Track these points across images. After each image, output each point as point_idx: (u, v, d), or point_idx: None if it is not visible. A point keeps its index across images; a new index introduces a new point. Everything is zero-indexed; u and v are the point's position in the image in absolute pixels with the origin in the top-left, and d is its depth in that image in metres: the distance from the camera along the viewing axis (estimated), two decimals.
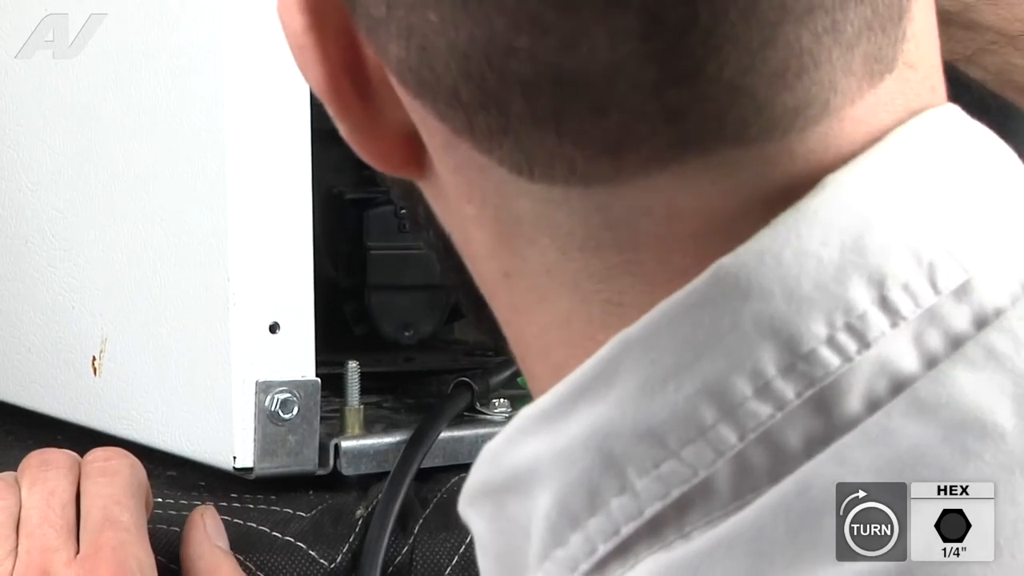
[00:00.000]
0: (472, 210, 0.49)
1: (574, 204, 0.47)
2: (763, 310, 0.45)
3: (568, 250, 0.48)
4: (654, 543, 0.47)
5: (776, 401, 0.45)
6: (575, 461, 0.48)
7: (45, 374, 0.96)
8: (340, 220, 0.94)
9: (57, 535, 0.76)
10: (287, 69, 0.84)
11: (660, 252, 0.47)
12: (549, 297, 0.49)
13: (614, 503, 0.47)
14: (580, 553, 0.48)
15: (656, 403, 0.46)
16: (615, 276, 0.47)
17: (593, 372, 0.47)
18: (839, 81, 0.45)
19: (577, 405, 0.48)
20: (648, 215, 0.46)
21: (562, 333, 0.49)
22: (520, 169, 0.47)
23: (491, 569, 0.52)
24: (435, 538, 0.85)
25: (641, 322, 0.46)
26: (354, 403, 0.89)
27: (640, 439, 0.46)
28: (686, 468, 0.46)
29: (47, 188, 0.94)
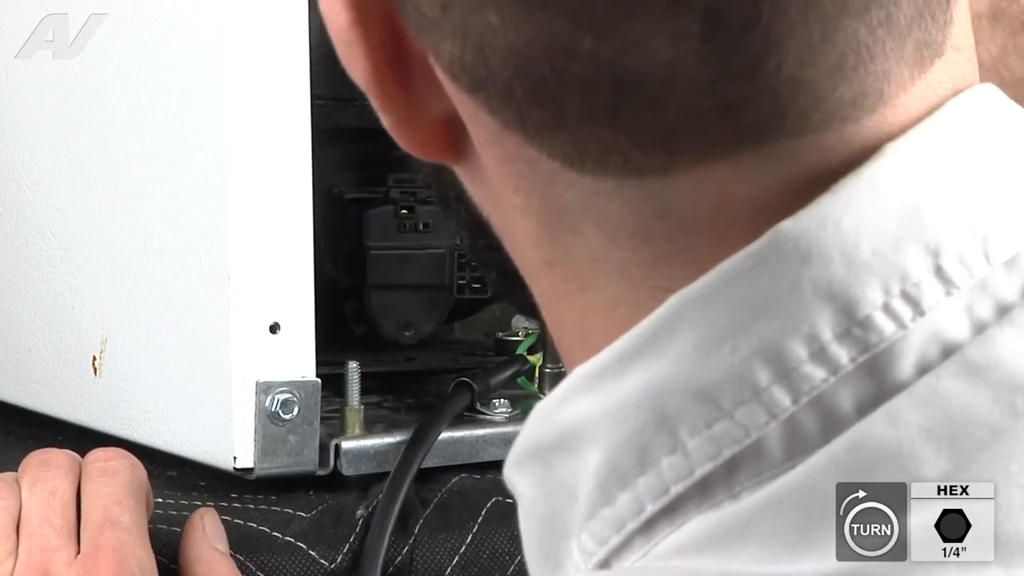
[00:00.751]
0: (518, 200, 0.50)
1: (625, 194, 0.47)
2: (822, 274, 0.46)
3: (617, 239, 0.48)
4: (703, 503, 0.47)
5: (830, 365, 0.46)
6: (627, 419, 0.48)
7: (45, 374, 0.96)
8: (340, 220, 0.94)
9: (57, 535, 0.76)
10: (287, 69, 0.84)
11: (712, 240, 0.47)
12: (593, 285, 0.49)
13: (664, 462, 0.47)
14: (628, 512, 0.48)
15: (711, 363, 0.46)
16: (665, 264, 0.48)
17: (650, 331, 0.48)
18: (892, 70, 0.46)
19: (632, 363, 0.48)
20: (702, 204, 0.47)
21: (605, 320, 0.49)
22: (571, 161, 0.47)
23: (534, 534, 0.52)
24: (435, 538, 0.85)
25: (700, 282, 0.47)
26: (354, 403, 0.89)
27: (694, 398, 0.47)
28: (738, 429, 0.46)
29: (47, 188, 0.94)
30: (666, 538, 0.48)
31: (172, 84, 0.86)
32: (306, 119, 0.85)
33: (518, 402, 0.94)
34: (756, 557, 0.45)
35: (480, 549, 0.86)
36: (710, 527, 0.47)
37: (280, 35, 0.84)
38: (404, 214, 0.93)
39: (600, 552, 0.49)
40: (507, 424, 0.92)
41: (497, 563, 0.85)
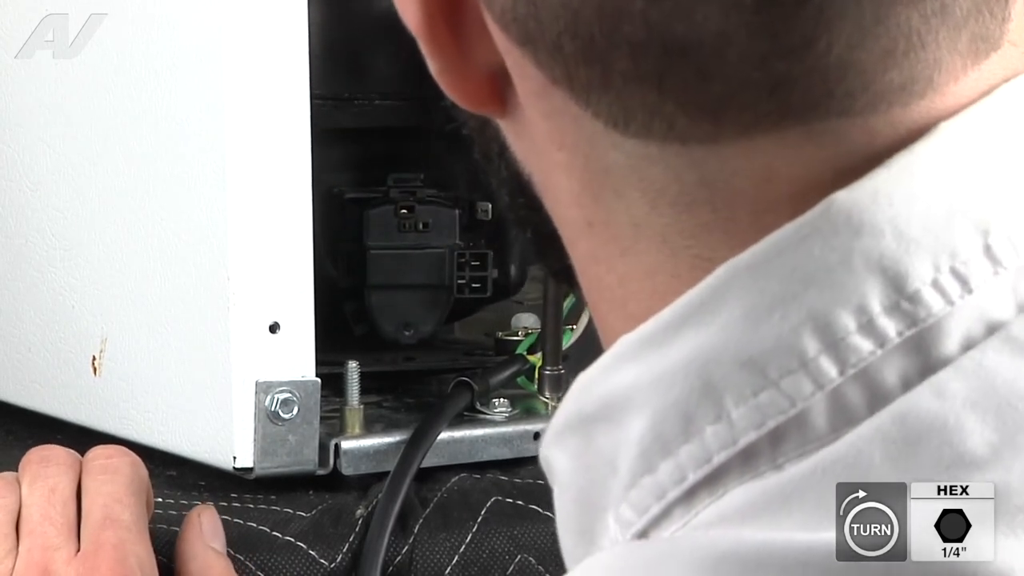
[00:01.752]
0: (561, 157, 0.50)
1: (669, 161, 0.48)
2: (873, 247, 0.46)
3: (659, 205, 0.48)
4: (745, 473, 0.47)
5: (878, 338, 0.46)
6: (672, 387, 0.48)
7: (45, 374, 0.96)
8: (340, 220, 0.94)
9: (58, 533, 0.76)
10: (287, 69, 0.84)
11: (754, 212, 0.47)
12: (634, 250, 0.49)
13: (708, 431, 0.47)
14: (669, 481, 0.48)
15: (760, 331, 0.47)
16: (706, 233, 0.48)
17: (698, 299, 0.48)
18: (944, 60, 0.46)
19: (680, 332, 0.48)
20: (745, 176, 0.47)
21: (644, 286, 0.50)
22: (616, 123, 0.47)
23: (569, 511, 0.52)
24: (435, 538, 0.85)
25: (750, 251, 0.47)
26: (354, 403, 0.89)
27: (740, 367, 0.47)
28: (784, 399, 0.46)
29: (47, 188, 0.94)
30: (706, 508, 0.48)
31: (172, 84, 0.86)
32: (306, 119, 0.85)
33: (518, 402, 0.94)
34: (799, 525, 0.45)
35: (480, 549, 0.86)
36: (752, 496, 0.47)
37: (280, 35, 0.84)
38: (404, 214, 0.93)
39: (639, 522, 0.49)
40: (507, 424, 0.92)
41: (497, 563, 0.85)
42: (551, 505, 0.87)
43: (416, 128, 0.96)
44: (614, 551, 0.50)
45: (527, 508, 0.87)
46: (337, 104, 0.94)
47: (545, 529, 0.87)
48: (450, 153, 0.98)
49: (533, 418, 0.93)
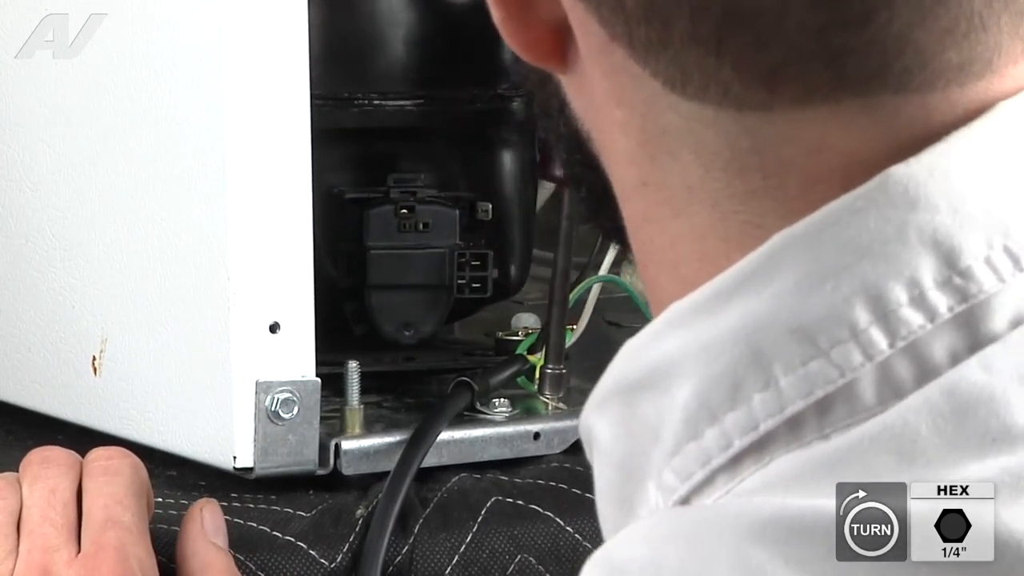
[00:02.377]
0: (619, 115, 0.50)
1: (724, 125, 0.48)
2: (927, 222, 0.47)
3: (711, 168, 0.49)
4: (791, 442, 0.47)
5: (929, 311, 0.46)
6: (722, 354, 0.48)
7: (45, 374, 0.96)
8: (340, 220, 0.94)
9: (58, 534, 0.76)
10: (287, 69, 0.84)
11: (805, 182, 0.48)
12: (686, 212, 0.50)
13: (756, 398, 0.48)
14: (714, 447, 0.48)
15: (812, 301, 0.47)
16: (756, 199, 0.48)
17: (752, 267, 0.48)
18: (1004, 43, 0.46)
19: (732, 299, 0.48)
20: (798, 146, 0.47)
21: (695, 248, 0.50)
22: (674, 84, 0.48)
23: (609, 479, 0.52)
24: (435, 538, 0.85)
25: (806, 221, 0.47)
26: (354, 403, 0.89)
27: (791, 336, 0.47)
28: (833, 369, 0.47)
29: (47, 188, 0.94)
30: (751, 475, 0.48)
31: (172, 84, 0.86)
32: (306, 119, 0.85)
33: (518, 402, 0.94)
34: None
35: (480, 549, 0.86)
36: (798, 464, 0.47)
37: (280, 35, 0.84)
38: (404, 214, 0.93)
39: (682, 488, 0.49)
40: (507, 424, 0.92)
41: (497, 563, 0.85)
42: (551, 505, 0.87)
43: (416, 128, 0.96)
44: (656, 516, 0.50)
45: (527, 508, 0.87)
46: (337, 104, 0.94)
47: (545, 529, 0.87)
48: (450, 153, 0.98)
49: (533, 418, 0.93)
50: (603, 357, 1.05)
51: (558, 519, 0.87)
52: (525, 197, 1.00)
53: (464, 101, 0.97)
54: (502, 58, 0.97)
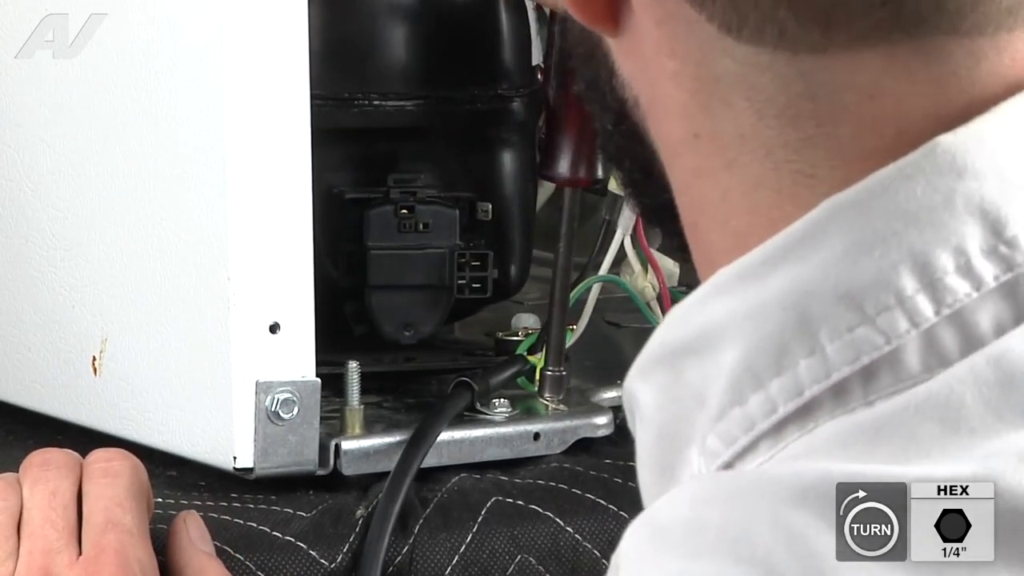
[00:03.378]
0: (673, 65, 0.50)
1: (779, 69, 0.48)
2: (975, 190, 0.47)
3: (765, 116, 0.49)
4: (836, 408, 0.48)
5: (975, 280, 0.47)
6: (768, 319, 0.48)
7: (45, 374, 0.96)
8: (340, 220, 0.94)
9: (59, 536, 0.76)
10: (287, 69, 0.84)
11: (858, 129, 0.48)
12: (738, 162, 0.50)
13: (802, 364, 0.48)
14: (759, 413, 0.49)
15: (860, 267, 0.47)
16: (809, 148, 0.49)
17: (800, 233, 0.48)
18: None
19: (780, 264, 0.48)
20: (851, 91, 0.48)
21: (746, 199, 0.50)
22: (729, 27, 0.48)
23: (651, 446, 0.52)
24: (435, 538, 0.85)
25: (855, 188, 0.48)
26: (354, 403, 0.89)
27: (838, 301, 0.47)
28: (879, 335, 0.47)
29: (47, 188, 0.94)
30: (795, 441, 0.48)
31: (172, 84, 0.86)
32: (306, 119, 0.85)
33: (518, 402, 0.94)
34: (888, 458, 0.46)
35: (480, 549, 0.86)
36: (842, 430, 0.47)
37: (280, 35, 0.84)
38: (404, 214, 0.93)
39: (726, 453, 0.49)
40: (507, 424, 0.92)
41: (497, 563, 0.85)
42: (551, 505, 0.87)
43: (416, 128, 0.96)
44: (700, 481, 0.50)
45: (527, 508, 0.87)
46: (337, 104, 0.94)
47: (545, 529, 0.87)
48: (450, 153, 0.98)
49: (533, 418, 0.93)
50: (603, 357, 1.06)
51: (558, 519, 0.87)
52: (525, 197, 1.00)
53: (464, 101, 0.97)
54: (502, 58, 0.97)
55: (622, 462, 0.92)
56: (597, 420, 0.94)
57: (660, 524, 0.48)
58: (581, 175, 0.92)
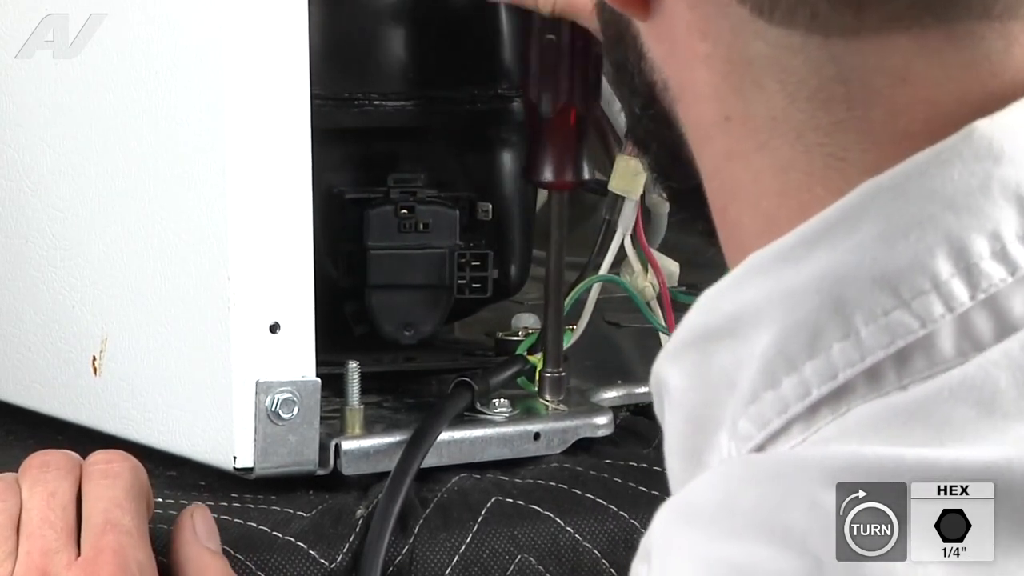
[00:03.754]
0: (704, 48, 0.51)
1: (810, 52, 0.48)
2: (1011, 176, 0.47)
3: (797, 99, 0.49)
4: (869, 392, 0.48)
5: (1010, 265, 0.47)
6: (802, 302, 0.48)
7: (45, 374, 0.96)
8: (340, 220, 0.94)
9: (58, 537, 0.76)
10: (287, 69, 0.84)
11: (889, 113, 0.48)
12: (770, 144, 0.50)
13: (835, 348, 0.48)
14: (792, 396, 0.49)
15: (895, 251, 0.47)
16: (841, 131, 0.49)
17: (836, 216, 0.48)
18: None
19: (814, 248, 0.48)
20: (883, 74, 0.48)
21: (777, 182, 0.50)
22: (761, 10, 0.48)
23: (680, 430, 0.52)
24: (435, 538, 0.85)
25: (892, 172, 0.48)
26: (354, 403, 0.89)
27: (873, 285, 0.47)
28: (913, 320, 0.47)
29: (47, 188, 0.94)
30: (827, 425, 0.48)
31: (172, 84, 0.86)
32: (306, 119, 0.85)
33: (518, 402, 0.94)
34: (923, 442, 0.46)
35: (480, 549, 0.86)
36: (875, 413, 0.47)
37: (280, 35, 0.84)
38: (404, 214, 0.93)
39: (758, 436, 0.49)
40: (507, 424, 0.92)
41: (497, 563, 0.85)
42: (551, 505, 0.87)
43: (416, 128, 0.96)
44: (733, 463, 0.50)
45: (527, 508, 0.87)
46: (337, 104, 0.94)
47: (545, 529, 0.87)
48: (450, 153, 0.98)
49: (533, 418, 0.93)
50: (603, 357, 1.06)
51: (558, 519, 0.87)
52: (525, 197, 1.00)
53: (464, 101, 0.97)
54: (502, 58, 0.98)
55: (622, 462, 0.92)
56: (597, 420, 0.94)
57: (693, 506, 0.48)
58: (567, 178, 0.92)
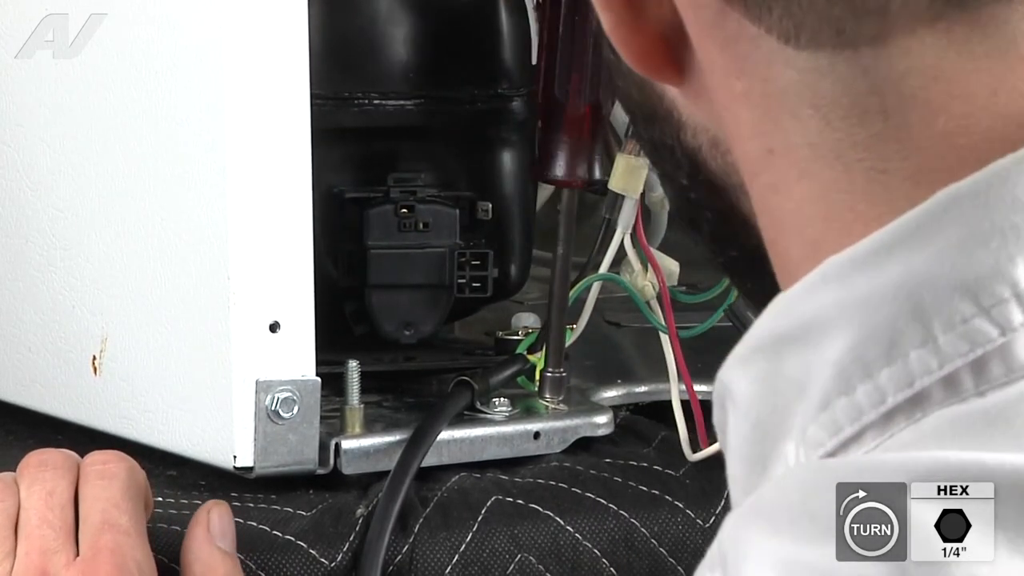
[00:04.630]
0: (741, 86, 0.51)
1: (840, 70, 0.49)
2: None
3: (832, 119, 0.49)
4: (947, 400, 0.47)
5: None
6: (879, 309, 0.48)
7: (45, 373, 0.96)
8: (340, 220, 0.94)
9: (56, 536, 0.76)
10: (287, 69, 0.84)
11: (926, 115, 0.48)
12: (810, 171, 0.50)
13: (913, 355, 0.47)
14: (867, 402, 0.48)
15: (976, 259, 0.47)
16: (879, 143, 0.49)
17: (915, 222, 0.48)
18: None
19: (892, 254, 0.48)
20: (914, 75, 0.48)
21: (820, 207, 0.50)
22: (787, 36, 0.48)
23: (746, 436, 0.52)
24: (435, 538, 0.85)
25: (972, 178, 0.47)
26: (354, 402, 0.89)
27: (952, 292, 0.47)
28: (993, 328, 0.47)
29: (47, 188, 0.94)
30: (902, 431, 0.48)
31: (172, 84, 0.86)
32: (306, 119, 0.85)
33: (518, 402, 0.94)
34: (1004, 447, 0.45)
35: (480, 548, 0.86)
36: (953, 419, 0.47)
37: (280, 35, 0.84)
38: (404, 214, 0.93)
39: (830, 443, 0.49)
40: (507, 424, 0.92)
41: (497, 562, 0.86)
42: (551, 505, 0.87)
43: (416, 128, 0.96)
44: (806, 468, 0.49)
45: (527, 507, 0.87)
46: (337, 104, 0.94)
47: (545, 529, 0.87)
48: (450, 153, 0.98)
49: (533, 418, 0.93)
50: (603, 357, 1.06)
51: (558, 518, 0.87)
52: (525, 197, 1.00)
53: (464, 101, 0.97)
54: (502, 58, 0.98)
55: (622, 461, 0.92)
56: (597, 419, 0.94)
57: (767, 511, 0.47)
58: (578, 176, 0.92)
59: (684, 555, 0.88)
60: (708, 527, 0.89)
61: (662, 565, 0.87)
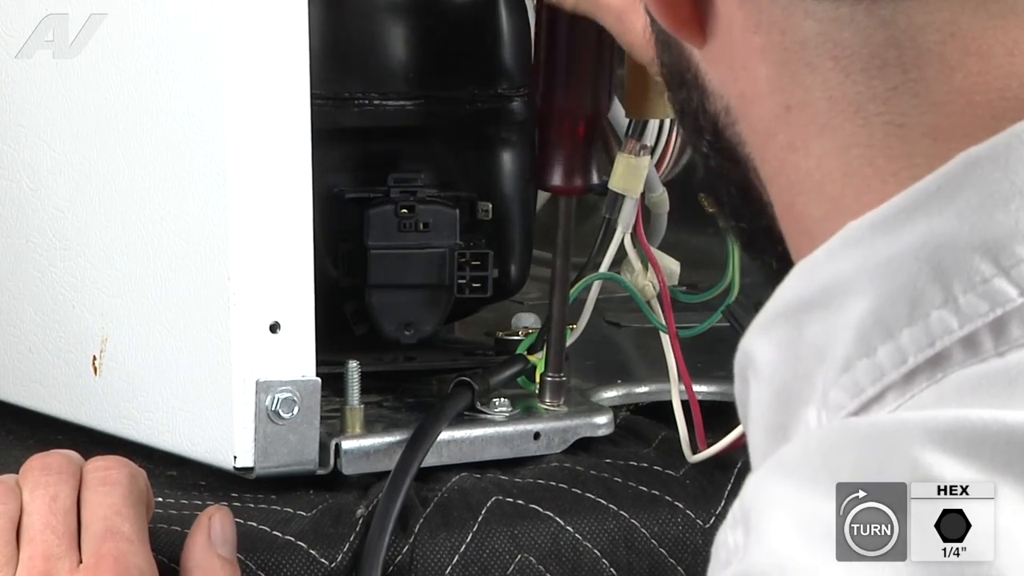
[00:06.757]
0: (759, 40, 0.51)
1: (859, 21, 0.49)
2: None
3: (851, 72, 0.50)
4: (967, 360, 0.48)
5: None
6: (900, 271, 0.48)
7: (45, 374, 0.96)
8: (340, 220, 0.94)
9: (60, 542, 0.76)
10: (287, 69, 0.84)
11: (943, 70, 0.48)
12: (830, 125, 0.51)
13: (934, 315, 0.48)
14: (888, 363, 0.48)
15: (996, 219, 0.47)
16: (897, 96, 0.49)
17: (935, 185, 0.48)
18: None
19: (912, 216, 0.48)
20: (932, 30, 0.48)
21: (840, 162, 0.51)
22: None
23: (767, 404, 0.52)
24: (435, 538, 0.85)
25: (992, 141, 0.48)
26: (354, 402, 0.89)
27: (973, 253, 0.47)
28: (1013, 288, 0.47)
29: (47, 188, 0.94)
30: (923, 391, 0.48)
31: (172, 84, 0.86)
32: (306, 119, 0.85)
33: (518, 402, 0.94)
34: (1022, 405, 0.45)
35: (480, 549, 0.86)
36: (973, 379, 0.47)
37: (280, 35, 0.84)
38: (404, 214, 0.93)
39: (851, 404, 0.49)
40: (507, 424, 0.92)
41: (497, 562, 0.86)
42: (551, 505, 0.87)
43: (416, 128, 0.96)
44: (828, 428, 0.50)
45: (527, 508, 0.87)
46: (337, 104, 0.94)
47: (545, 529, 0.87)
48: (450, 153, 0.98)
49: (533, 418, 0.93)
50: (603, 357, 1.06)
51: (558, 519, 0.87)
52: (525, 196, 1.00)
53: (464, 101, 0.97)
54: (502, 58, 0.98)
55: (622, 462, 0.92)
56: (597, 420, 0.94)
57: (790, 467, 0.48)
58: (576, 183, 0.92)
59: (684, 555, 0.88)
60: (708, 527, 0.89)
61: (662, 565, 0.87)
